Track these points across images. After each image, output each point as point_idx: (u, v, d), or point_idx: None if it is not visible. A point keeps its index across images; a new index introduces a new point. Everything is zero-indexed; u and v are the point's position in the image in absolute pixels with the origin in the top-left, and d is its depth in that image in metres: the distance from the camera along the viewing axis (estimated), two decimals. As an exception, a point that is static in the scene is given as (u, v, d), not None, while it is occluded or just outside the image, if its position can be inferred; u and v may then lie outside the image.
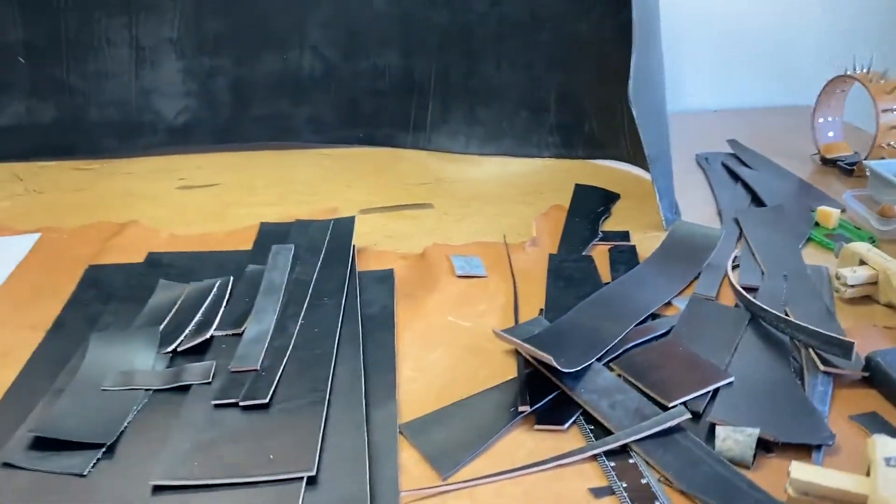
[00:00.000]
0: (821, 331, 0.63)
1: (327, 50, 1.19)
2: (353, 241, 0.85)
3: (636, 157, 1.07)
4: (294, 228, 0.87)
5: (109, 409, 0.58)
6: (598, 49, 1.09)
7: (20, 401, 0.60)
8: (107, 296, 0.76)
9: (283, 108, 1.21)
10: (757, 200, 0.97)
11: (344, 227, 0.86)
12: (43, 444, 0.54)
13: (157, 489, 0.50)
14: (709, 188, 1.03)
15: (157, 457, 0.53)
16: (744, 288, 0.74)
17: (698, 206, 0.97)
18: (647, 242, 0.88)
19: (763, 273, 0.79)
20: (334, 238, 0.84)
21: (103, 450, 0.54)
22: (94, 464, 0.52)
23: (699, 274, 0.79)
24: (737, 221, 0.90)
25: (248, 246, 0.86)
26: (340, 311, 0.70)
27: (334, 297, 0.73)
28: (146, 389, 0.60)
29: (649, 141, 0.88)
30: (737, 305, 0.73)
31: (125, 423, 0.57)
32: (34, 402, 0.60)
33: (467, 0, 1.15)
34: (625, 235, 0.89)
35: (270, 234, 0.86)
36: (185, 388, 0.61)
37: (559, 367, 0.60)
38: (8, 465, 0.52)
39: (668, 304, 0.75)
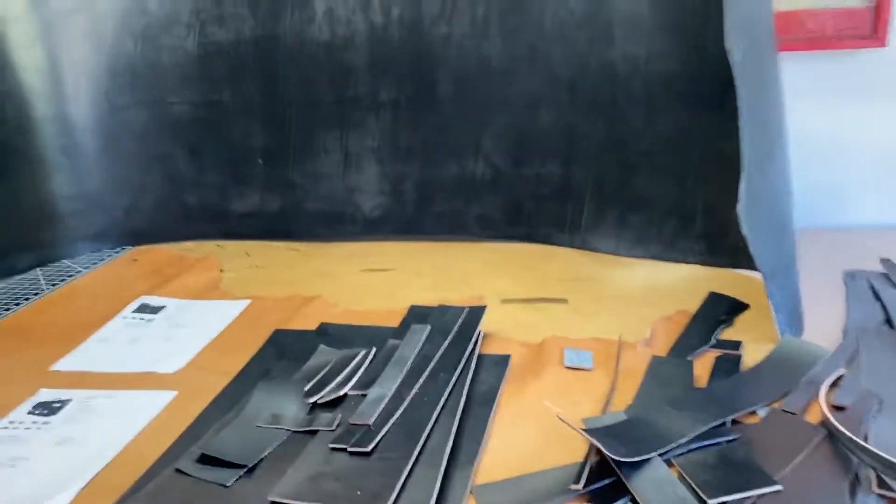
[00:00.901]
0: (882, 454, 0.65)
1: (498, 158, 1.37)
2: (482, 328, 0.98)
3: (775, 269, 1.10)
4: (435, 311, 1.03)
5: (257, 441, 0.76)
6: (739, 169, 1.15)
7: (200, 427, 0.81)
8: (281, 354, 0.97)
9: (458, 207, 1.40)
10: (891, 323, 0.96)
11: (475, 315, 1.00)
12: (206, 459, 0.73)
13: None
14: (844, 305, 1.04)
15: (280, 480, 0.69)
16: (835, 406, 0.77)
17: (828, 322, 0.98)
18: (757, 354, 0.92)
19: (862, 394, 0.80)
20: (465, 323, 0.98)
21: (244, 470, 0.72)
22: (237, 479, 0.70)
23: (795, 389, 0.82)
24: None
25: (398, 323, 1.04)
26: (450, 386, 0.84)
27: (448, 373, 0.86)
28: (287, 429, 0.78)
29: (764, 257, 0.93)
30: (820, 423, 0.76)
31: (265, 453, 0.74)
32: (209, 428, 0.80)
33: (624, 117, 1.26)
34: (735, 345, 0.94)
35: (416, 315, 1.03)
36: (314, 432, 0.78)
37: (611, 455, 0.68)
38: (179, 471, 0.71)
39: (753, 413, 0.79)
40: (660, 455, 0.71)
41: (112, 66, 1.38)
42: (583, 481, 0.69)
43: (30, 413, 0.89)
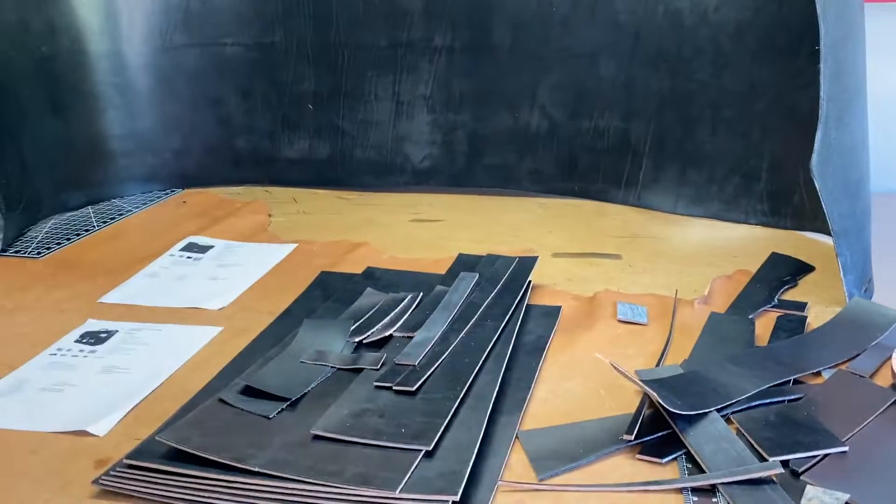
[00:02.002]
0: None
1: (554, 110, 1.32)
2: (532, 279, 0.95)
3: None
4: (484, 260, 1.00)
5: (301, 376, 0.75)
6: (815, 121, 1.09)
7: (244, 362, 0.80)
8: (327, 296, 0.95)
9: (510, 159, 1.36)
10: (969, 289, 0.91)
11: (526, 265, 0.97)
12: (249, 391, 0.72)
13: (316, 437, 0.65)
14: (921, 271, 0.98)
15: (323, 414, 0.68)
16: (907, 371, 0.72)
17: (901, 289, 0.93)
18: (824, 316, 0.87)
19: (937, 360, 0.75)
20: (515, 273, 0.95)
21: (287, 403, 0.70)
22: (279, 411, 0.69)
23: (863, 352, 0.78)
24: (933, 306, 0.86)
25: (445, 271, 1.01)
26: (497, 332, 0.82)
27: (496, 321, 0.84)
28: (331, 367, 0.77)
29: (836, 215, 0.88)
30: (891, 386, 0.72)
31: (308, 388, 0.73)
32: (252, 362, 0.79)
33: (689, 70, 1.21)
34: (801, 306, 0.90)
35: (464, 263, 1.00)
36: (359, 370, 0.76)
37: (667, 407, 0.65)
38: (222, 401, 0.70)
39: (818, 374, 0.75)
40: (717, 411, 0.68)
41: (166, 4, 1.36)
42: (634, 432, 0.66)
43: (77, 342, 0.90)
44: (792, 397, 0.70)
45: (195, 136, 1.45)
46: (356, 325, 0.84)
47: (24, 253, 1.18)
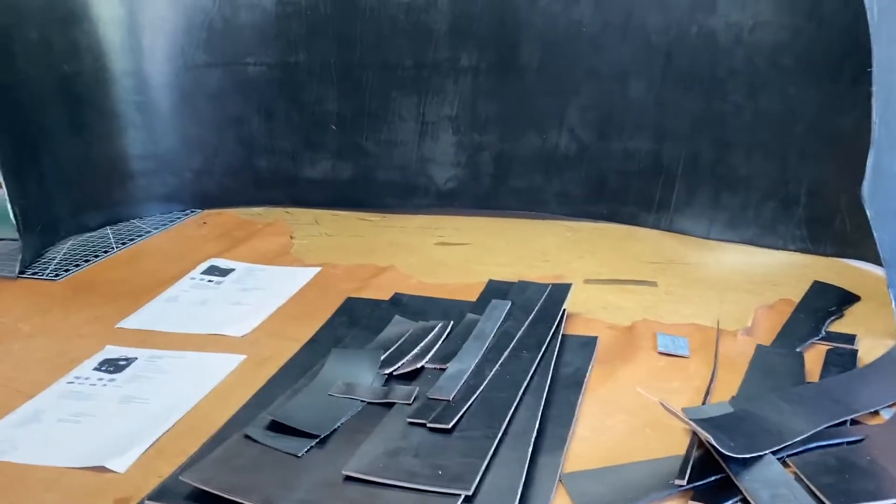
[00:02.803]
0: None
1: (583, 131, 1.29)
2: (567, 307, 0.92)
3: (890, 260, 1.00)
4: (515, 287, 0.96)
5: (330, 410, 0.71)
6: (857, 145, 1.05)
7: (270, 393, 0.77)
8: (353, 323, 0.92)
9: (537, 181, 1.33)
10: None
11: (560, 293, 0.94)
12: (276, 427, 0.68)
13: (348, 478, 0.61)
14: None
15: (355, 453, 0.64)
16: (972, 411, 0.68)
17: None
18: (875, 350, 0.83)
19: None
20: (548, 301, 0.92)
21: (317, 440, 0.67)
22: (308, 449, 0.66)
23: (922, 389, 0.74)
24: None
25: (475, 297, 0.98)
26: (534, 365, 0.78)
27: (532, 352, 0.80)
28: (361, 400, 0.73)
29: (887, 243, 0.84)
30: (956, 428, 0.67)
31: (339, 423, 0.70)
32: (279, 394, 0.76)
33: (723, 90, 1.17)
34: (850, 339, 0.86)
35: (494, 290, 0.97)
36: (390, 405, 0.73)
37: (720, 449, 0.61)
38: (248, 437, 0.67)
39: (876, 413, 0.71)
40: (772, 453, 0.64)
41: (189, 23, 1.35)
42: (687, 476, 0.62)
43: (95, 369, 0.87)
44: (852, 439, 0.66)
45: (216, 156, 1.43)
46: (385, 355, 0.81)
47: (42, 275, 1.15)
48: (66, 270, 1.17)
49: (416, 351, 0.81)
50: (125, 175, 1.37)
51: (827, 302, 0.94)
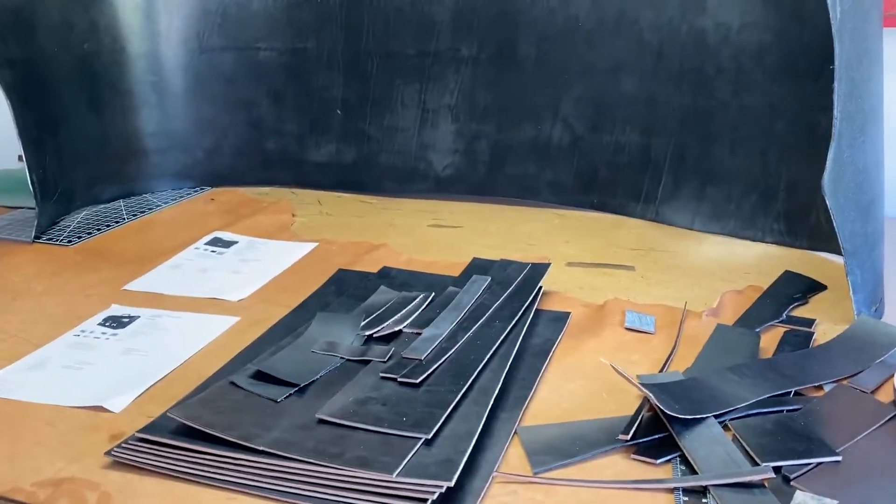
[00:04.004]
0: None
1: (576, 123, 1.34)
2: (544, 286, 0.97)
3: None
4: (497, 265, 1.02)
5: (311, 365, 0.77)
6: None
7: (257, 349, 0.83)
8: (341, 292, 0.98)
9: (531, 170, 1.38)
10: (981, 314, 0.90)
11: (538, 271, 0.99)
12: (259, 376, 0.74)
13: (321, 422, 0.67)
14: (931, 295, 0.98)
15: (328, 401, 0.70)
16: (909, 389, 0.73)
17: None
18: (831, 334, 0.88)
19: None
20: (527, 278, 0.97)
21: (296, 389, 0.73)
22: (287, 396, 0.72)
23: (867, 369, 0.78)
24: (941, 328, 0.86)
25: (458, 273, 1.03)
26: (504, 333, 0.83)
27: (504, 322, 0.86)
28: (340, 357, 0.79)
29: (848, 234, 0.88)
30: (892, 403, 0.72)
31: (317, 376, 0.75)
32: (265, 350, 0.82)
33: (710, 88, 1.22)
34: (808, 322, 0.90)
35: (477, 267, 1.02)
36: (366, 362, 0.78)
37: (663, 409, 0.66)
38: (233, 383, 0.73)
39: (819, 387, 0.76)
40: (715, 417, 0.69)
41: (204, 8, 1.41)
42: (631, 433, 0.67)
43: (100, 325, 0.93)
44: (790, 408, 0.71)
45: (227, 137, 1.49)
46: (367, 319, 0.87)
47: (57, 240, 1.22)
48: (79, 237, 1.24)
49: (395, 317, 0.87)
50: (139, 152, 1.44)
51: (793, 289, 0.99)
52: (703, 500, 0.60)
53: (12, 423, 0.73)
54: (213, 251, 1.18)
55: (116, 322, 0.94)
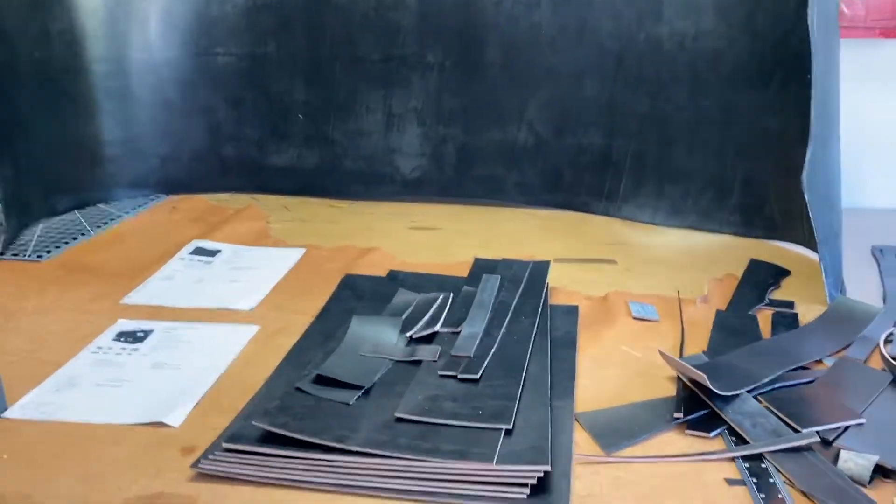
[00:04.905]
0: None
1: (541, 126, 1.41)
2: (547, 280, 1.03)
3: (811, 241, 1.17)
4: (501, 264, 1.07)
5: (365, 367, 0.79)
6: (784, 143, 1.22)
7: (299, 356, 0.84)
8: (358, 296, 1.00)
9: (498, 172, 1.44)
10: (926, 290, 1.04)
11: (541, 268, 1.05)
12: (321, 381, 0.76)
13: (399, 420, 0.70)
14: (878, 276, 1.11)
15: (399, 400, 0.73)
16: (893, 358, 0.83)
17: (866, 291, 1.05)
18: (809, 314, 0.98)
19: (915, 348, 0.87)
20: (532, 275, 1.03)
21: (362, 391, 0.75)
22: (356, 398, 0.74)
23: (853, 342, 0.89)
24: (900, 304, 0.98)
25: (464, 275, 1.07)
26: (534, 327, 0.88)
27: (530, 317, 0.91)
28: (390, 359, 0.82)
29: (819, 224, 0.99)
30: (883, 370, 0.83)
31: (376, 377, 0.78)
32: (308, 358, 0.83)
33: (668, 92, 1.32)
34: (789, 304, 1.01)
35: (483, 267, 1.07)
36: (416, 363, 0.81)
37: (712, 388, 0.73)
38: (299, 389, 0.74)
39: (819, 361, 0.86)
40: (747, 392, 0.77)
41: (163, 13, 1.38)
42: (682, 411, 0.74)
43: (115, 340, 0.91)
44: (805, 381, 0.80)
45: (184, 143, 1.46)
46: (404, 321, 0.89)
47: (24, 256, 1.17)
48: (48, 251, 1.18)
49: (426, 318, 0.90)
50: (94, 159, 1.39)
51: (765, 275, 1.09)
52: (762, 465, 0.68)
53: (73, 444, 0.71)
54: (199, 260, 1.16)
55: (131, 337, 0.92)
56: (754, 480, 0.65)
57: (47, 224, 1.31)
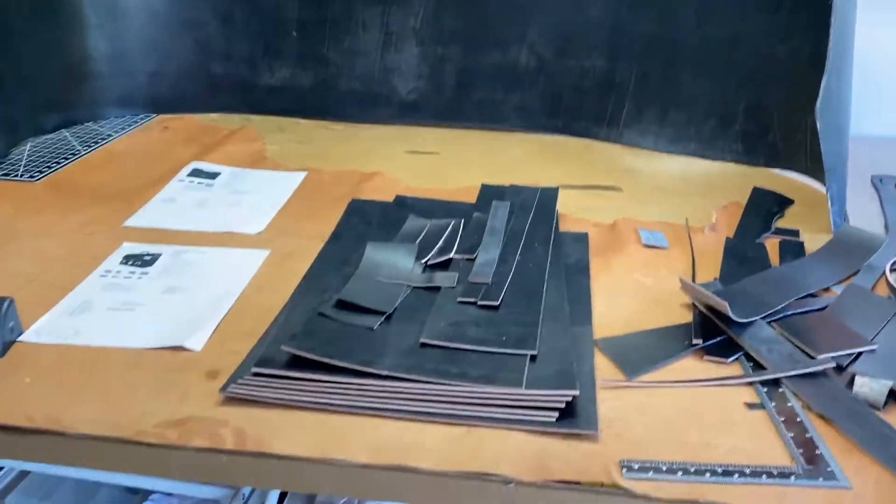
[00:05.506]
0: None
1: (542, 49, 1.38)
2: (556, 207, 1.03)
3: (813, 170, 1.18)
4: (509, 190, 1.06)
5: (385, 293, 0.79)
6: (791, 71, 1.20)
7: (315, 281, 0.84)
8: (367, 221, 0.99)
9: (497, 95, 1.41)
10: (926, 219, 1.06)
11: (550, 194, 1.04)
12: (343, 306, 0.76)
13: (423, 345, 0.70)
14: (879, 205, 1.13)
15: (422, 326, 0.73)
16: (899, 286, 0.85)
17: (867, 220, 1.07)
18: (814, 242, 0.99)
19: (920, 277, 0.89)
20: (541, 201, 1.02)
21: (385, 316, 0.75)
22: (379, 323, 0.74)
23: (859, 270, 0.90)
24: (902, 233, 1.00)
25: (470, 200, 1.06)
26: (549, 253, 0.89)
27: (543, 245, 0.91)
28: (408, 285, 0.81)
29: (828, 152, 0.99)
30: (889, 297, 0.85)
31: (398, 302, 0.78)
32: (325, 283, 0.83)
33: (675, 16, 1.29)
34: (795, 233, 1.02)
35: (490, 193, 1.06)
36: (434, 290, 0.81)
37: (731, 315, 0.75)
38: (322, 314, 0.74)
39: (828, 289, 0.87)
40: (761, 318, 0.78)
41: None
42: (700, 337, 0.75)
43: (122, 263, 0.89)
44: (816, 307, 0.82)
45: (172, 59, 1.41)
46: (419, 247, 0.89)
47: (16, 176, 1.13)
48: (40, 172, 1.15)
49: (440, 244, 0.90)
50: (81, 77, 1.34)
51: (769, 204, 1.10)
52: (780, 390, 0.69)
53: (95, 368, 0.70)
54: (199, 183, 1.13)
55: (139, 260, 0.90)
56: (773, 404, 0.67)
57: (35, 143, 1.26)
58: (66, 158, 1.20)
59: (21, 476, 0.96)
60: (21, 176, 1.13)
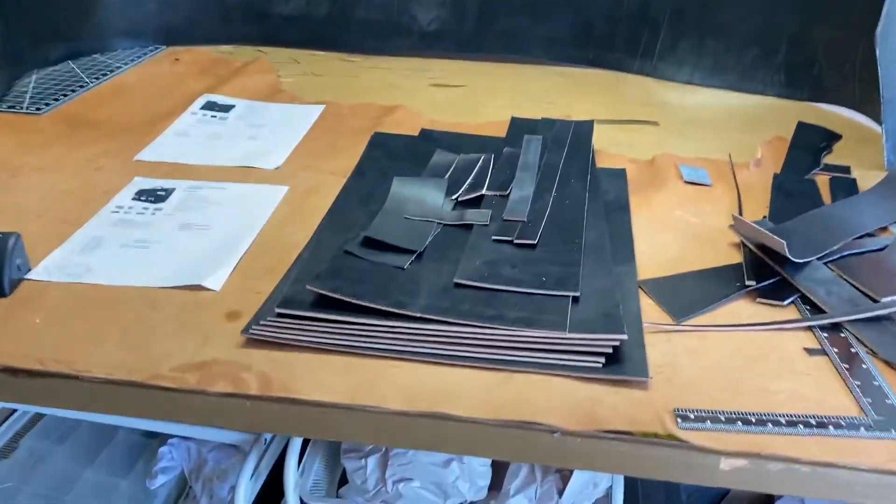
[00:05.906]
0: None
1: (573, -26, 1.30)
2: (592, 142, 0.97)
3: (862, 104, 1.10)
4: (541, 124, 1.00)
5: (414, 230, 0.74)
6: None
7: (339, 217, 0.79)
8: (392, 156, 0.93)
9: (523, 25, 1.33)
10: None
11: (584, 128, 0.98)
12: (370, 244, 0.71)
13: (457, 286, 0.65)
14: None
15: (455, 266, 0.68)
16: (962, 225, 0.80)
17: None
18: (866, 179, 0.93)
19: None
20: (576, 135, 0.96)
21: (416, 254, 0.70)
22: (410, 262, 0.69)
23: (918, 209, 0.85)
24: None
25: (499, 135, 1.00)
26: (586, 190, 0.83)
27: (580, 180, 0.85)
28: (438, 222, 0.76)
29: (887, 83, 0.92)
30: (952, 238, 0.79)
31: (427, 241, 0.73)
32: (350, 220, 0.78)
33: (715, -61, 1.20)
34: (845, 169, 0.95)
35: (521, 127, 1.00)
36: (466, 227, 0.76)
37: (788, 255, 0.69)
38: (349, 252, 0.69)
39: (885, 228, 0.82)
40: (816, 259, 0.73)
41: None
42: (753, 278, 0.70)
43: (135, 199, 0.85)
44: (874, 248, 0.77)
45: (181, -13, 1.34)
46: (448, 183, 0.83)
47: (21, 108, 1.08)
48: (46, 104, 1.09)
49: (470, 180, 0.84)
50: (88, 5, 1.27)
51: (816, 139, 1.04)
52: (842, 335, 0.65)
53: (110, 309, 0.66)
54: (213, 116, 1.08)
55: (153, 195, 0.85)
56: (835, 350, 0.62)
57: (41, 75, 1.20)
58: (74, 90, 1.15)
59: (36, 418, 0.93)
60: (27, 108, 1.07)
